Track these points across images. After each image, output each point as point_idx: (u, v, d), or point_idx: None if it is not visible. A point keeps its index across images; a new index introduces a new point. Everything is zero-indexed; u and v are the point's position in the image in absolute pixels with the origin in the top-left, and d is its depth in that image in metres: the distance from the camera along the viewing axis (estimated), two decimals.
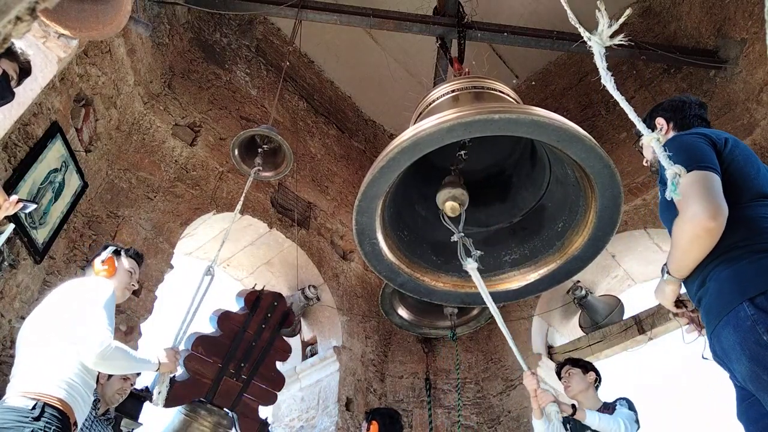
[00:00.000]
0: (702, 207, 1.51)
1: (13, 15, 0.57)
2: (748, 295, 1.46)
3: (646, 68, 5.12)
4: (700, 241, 1.54)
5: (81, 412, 2.13)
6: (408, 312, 4.87)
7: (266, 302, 3.66)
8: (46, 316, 2.22)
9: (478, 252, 2.04)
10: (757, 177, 1.69)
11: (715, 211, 1.50)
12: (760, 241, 1.53)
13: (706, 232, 1.52)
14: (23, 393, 1.99)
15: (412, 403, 5.08)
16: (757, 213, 1.59)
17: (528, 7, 5.42)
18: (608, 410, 2.99)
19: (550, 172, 2.29)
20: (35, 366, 2.08)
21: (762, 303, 1.43)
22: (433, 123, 1.73)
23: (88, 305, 2.17)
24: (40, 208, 3.02)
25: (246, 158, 3.46)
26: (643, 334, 4.63)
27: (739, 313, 1.46)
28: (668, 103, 2.04)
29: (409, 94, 4.10)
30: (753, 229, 1.56)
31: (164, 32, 4.39)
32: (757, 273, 1.48)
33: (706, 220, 1.50)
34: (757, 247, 1.52)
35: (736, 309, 1.47)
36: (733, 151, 1.71)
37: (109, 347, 2.07)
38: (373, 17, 4.29)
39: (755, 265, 1.50)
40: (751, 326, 1.42)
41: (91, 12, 2.55)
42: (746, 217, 1.58)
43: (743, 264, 1.51)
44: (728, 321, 1.49)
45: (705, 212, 1.50)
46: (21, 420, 1.91)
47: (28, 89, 2.65)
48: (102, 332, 2.09)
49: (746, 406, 1.61)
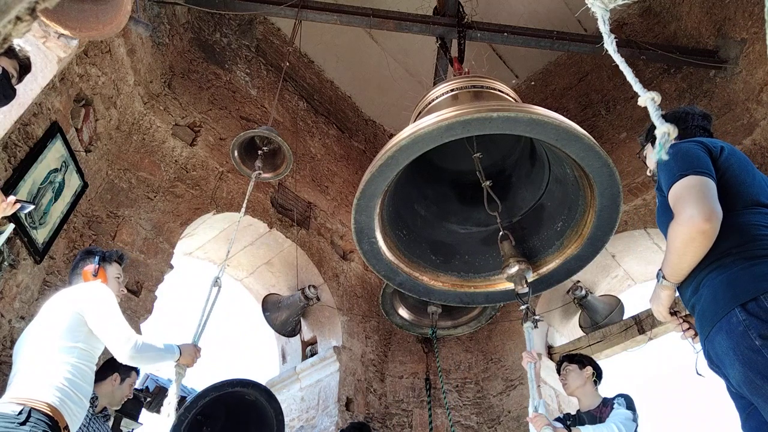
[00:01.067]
0: (697, 210, 1.54)
1: (13, 15, 0.57)
2: (740, 300, 1.48)
3: (646, 68, 5.12)
4: (694, 244, 1.57)
5: (74, 417, 2.12)
6: (408, 312, 4.86)
7: None
8: (41, 326, 2.24)
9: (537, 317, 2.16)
10: (753, 185, 1.71)
11: (709, 213, 1.53)
12: (753, 248, 1.56)
13: (701, 234, 1.54)
14: (12, 399, 2.00)
15: (412, 403, 5.08)
16: (750, 220, 1.62)
17: (528, 7, 5.42)
18: (607, 408, 2.98)
19: (549, 171, 2.30)
20: (27, 373, 2.09)
21: (754, 309, 1.46)
22: (432, 121, 1.73)
23: (100, 309, 2.22)
24: (40, 208, 3.02)
25: (246, 159, 3.46)
26: (643, 334, 4.63)
27: (732, 319, 1.48)
28: (672, 114, 2.06)
29: (408, 94, 4.10)
30: (746, 236, 1.58)
31: (164, 32, 4.39)
32: (749, 279, 1.51)
33: (701, 223, 1.53)
34: (750, 253, 1.55)
35: (728, 315, 1.50)
36: (728, 159, 1.74)
37: (137, 342, 2.19)
38: (373, 17, 4.30)
39: (748, 271, 1.52)
40: (743, 332, 1.45)
41: (91, 12, 2.56)
42: (740, 223, 1.61)
43: (736, 270, 1.54)
44: (721, 327, 1.51)
45: (700, 215, 1.53)
46: (7, 426, 1.91)
47: (28, 89, 2.66)
48: (126, 330, 2.21)
49: (746, 416, 1.62)
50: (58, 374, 2.09)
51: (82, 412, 2.18)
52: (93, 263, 2.51)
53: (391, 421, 4.99)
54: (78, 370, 2.14)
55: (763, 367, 1.41)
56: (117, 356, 2.19)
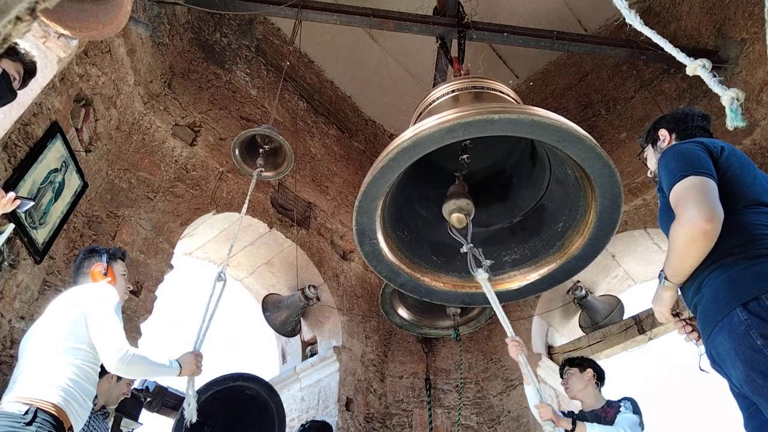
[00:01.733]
0: (699, 210, 1.55)
1: (13, 15, 0.57)
2: (742, 300, 1.49)
3: (646, 68, 5.11)
4: (696, 244, 1.58)
5: (77, 417, 2.12)
6: (408, 312, 4.86)
7: None
8: (46, 326, 2.24)
9: (488, 261, 2.07)
10: (754, 185, 1.72)
11: (710, 213, 1.55)
12: (754, 248, 1.56)
13: (703, 234, 1.55)
14: (17, 398, 2.00)
15: (412, 403, 5.09)
16: (752, 220, 1.62)
17: (528, 7, 5.41)
18: (612, 409, 2.97)
19: (550, 172, 2.29)
20: (32, 372, 2.09)
21: (755, 308, 1.46)
22: (433, 123, 1.73)
23: (99, 313, 2.20)
24: (40, 208, 3.02)
25: (246, 158, 3.46)
26: (643, 334, 4.62)
27: (733, 319, 1.49)
28: (671, 115, 2.08)
29: (409, 94, 4.10)
30: (748, 236, 1.59)
31: (164, 32, 4.39)
32: (751, 279, 1.51)
33: (703, 223, 1.54)
34: (752, 253, 1.55)
35: (730, 314, 1.50)
36: (729, 159, 1.75)
37: (127, 354, 2.14)
38: (373, 17, 4.29)
39: (749, 270, 1.53)
40: (744, 331, 1.45)
41: (91, 12, 2.55)
42: (741, 223, 1.61)
43: (738, 270, 1.55)
44: (723, 326, 1.52)
45: (701, 215, 1.54)
46: (13, 426, 1.91)
47: (28, 89, 2.65)
48: (119, 339, 2.16)
49: (748, 416, 1.63)
50: (63, 375, 2.08)
51: (85, 414, 2.18)
52: (101, 262, 2.48)
53: (391, 421, 4.99)
54: (83, 371, 2.14)
55: (765, 366, 1.41)
56: (105, 365, 2.16)
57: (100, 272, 2.44)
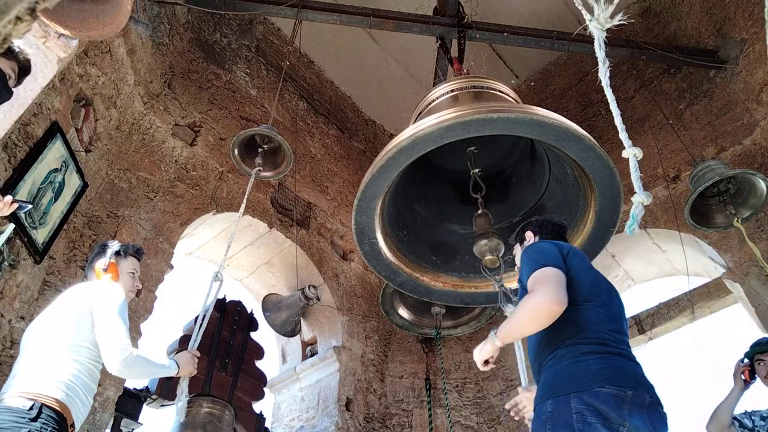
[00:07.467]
0: (553, 293, 1.80)
1: (13, 15, 0.57)
2: (553, 395, 1.73)
3: (646, 68, 5.12)
4: (540, 319, 1.81)
5: (79, 413, 2.13)
6: (408, 312, 4.86)
7: (231, 308, 4.26)
8: (50, 319, 2.23)
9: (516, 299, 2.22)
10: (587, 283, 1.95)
11: (561, 299, 1.79)
12: (583, 342, 1.79)
13: (549, 314, 1.78)
14: (21, 393, 1.99)
15: (412, 403, 5.08)
16: (584, 315, 1.86)
17: (528, 7, 5.42)
18: None
19: (549, 171, 2.30)
20: (35, 367, 2.08)
21: (556, 405, 1.69)
22: (432, 122, 1.73)
23: (104, 313, 2.19)
24: (40, 208, 3.02)
25: (246, 158, 3.46)
26: (643, 334, 4.62)
27: (542, 408, 1.74)
28: (536, 221, 2.32)
29: (408, 94, 4.10)
30: (578, 328, 1.82)
31: (164, 32, 4.39)
32: (567, 378, 1.74)
33: (552, 305, 1.77)
34: (578, 349, 1.78)
35: (542, 404, 1.75)
36: (573, 259, 2.01)
37: (130, 356, 2.13)
38: (373, 17, 4.29)
39: (570, 369, 1.76)
40: (543, 421, 1.70)
41: (91, 12, 2.55)
42: (575, 318, 1.85)
43: (562, 366, 1.78)
44: (536, 410, 1.78)
45: (553, 298, 1.78)
46: (18, 420, 1.91)
47: (28, 89, 2.65)
48: (122, 341, 2.14)
49: None
50: (66, 371, 2.08)
51: (86, 411, 2.18)
52: (104, 257, 2.46)
53: (391, 421, 4.99)
54: (86, 368, 2.14)
55: None
56: (107, 366, 2.15)
57: (101, 269, 2.44)
